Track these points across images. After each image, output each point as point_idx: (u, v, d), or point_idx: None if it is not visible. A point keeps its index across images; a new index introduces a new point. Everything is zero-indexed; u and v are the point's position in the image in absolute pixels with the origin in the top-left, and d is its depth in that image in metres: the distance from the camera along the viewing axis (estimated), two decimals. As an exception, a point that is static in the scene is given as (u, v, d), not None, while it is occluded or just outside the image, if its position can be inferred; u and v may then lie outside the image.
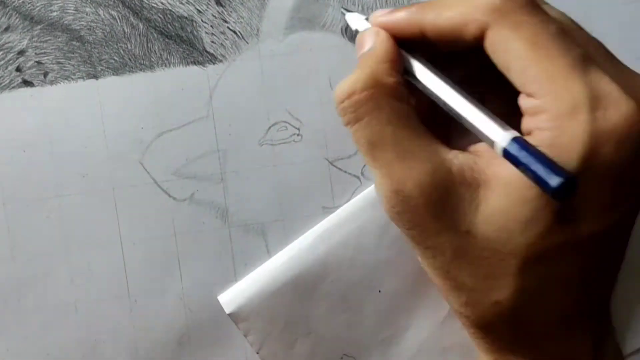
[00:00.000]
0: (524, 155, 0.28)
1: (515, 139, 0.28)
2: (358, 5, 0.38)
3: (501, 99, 0.31)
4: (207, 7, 0.38)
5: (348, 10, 0.37)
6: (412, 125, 0.31)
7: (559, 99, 0.28)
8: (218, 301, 0.38)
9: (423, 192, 0.30)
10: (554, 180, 0.27)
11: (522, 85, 0.29)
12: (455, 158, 0.31)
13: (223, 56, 0.38)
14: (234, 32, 0.38)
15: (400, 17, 0.33)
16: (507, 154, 0.28)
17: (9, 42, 0.38)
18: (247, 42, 0.38)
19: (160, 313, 0.39)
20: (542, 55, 0.29)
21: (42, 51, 0.38)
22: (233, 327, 0.38)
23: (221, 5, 0.38)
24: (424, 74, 0.32)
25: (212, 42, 0.38)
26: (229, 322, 0.38)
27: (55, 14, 0.38)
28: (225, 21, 0.38)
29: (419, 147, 0.31)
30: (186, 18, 0.38)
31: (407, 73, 0.33)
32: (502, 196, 0.29)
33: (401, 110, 0.31)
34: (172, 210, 0.39)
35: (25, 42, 0.38)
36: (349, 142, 0.38)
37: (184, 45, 0.38)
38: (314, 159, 0.39)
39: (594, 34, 0.32)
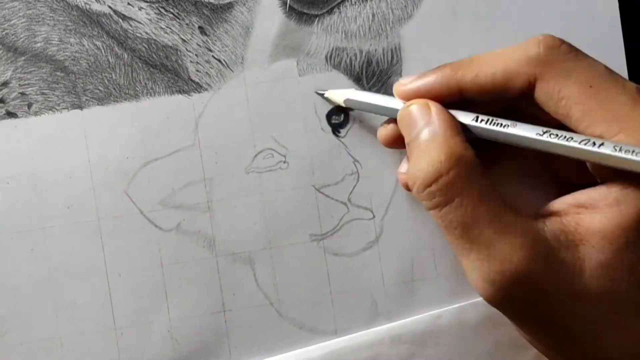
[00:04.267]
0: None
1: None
2: (342, 33, 0.38)
3: None
4: (192, 36, 0.38)
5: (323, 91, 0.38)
6: (499, 198, 0.30)
7: (631, 135, 0.29)
8: (206, 331, 0.38)
9: (531, 267, 0.29)
10: None
11: (588, 128, 0.29)
12: (545, 225, 0.30)
13: (208, 84, 0.38)
14: (219, 60, 0.38)
15: (435, 80, 0.32)
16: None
17: (-8, 74, 0.38)
18: (232, 71, 0.38)
19: (147, 345, 0.38)
20: (602, 96, 0.29)
21: (26, 82, 0.38)
22: (221, 358, 0.38)
23: (205, 34, 0.38)
24: (492, 125, 0.31)
25: (197, 70, 0.38)
26: (216, 352, 0.38)
27: (39, 44, 0.38)
28: (210, 50, 0.38)
29: (513, 220, 0.30)
30: (171, 47, 0.38)
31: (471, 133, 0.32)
32: (603, 248, 0.29)
33: (487, 185, 0.30)
34: (159, 241, 0.38)
35: (9, 73, 0.38)
36: (335, 168, 0.38)
37: (169, 75, 0.38)
38: (301, 186, 0.39)
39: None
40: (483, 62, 0.31)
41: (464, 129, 0.32)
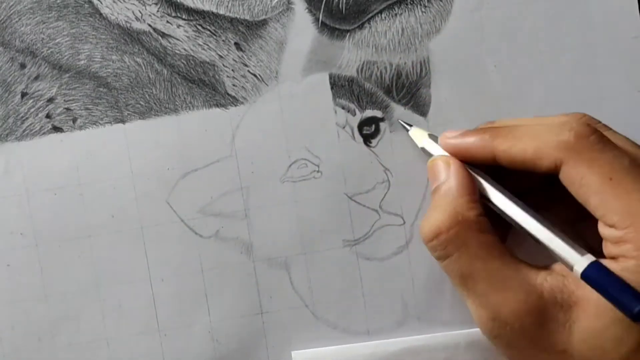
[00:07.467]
0: (603, 280, 0.30)
1: (593, 264, 0.31)
2: (372, 47, 0.40)
3: (567, 209, 0.33)
4: (228, 52, 0.40)
5: (409, 125, 0.39)
6: (499, 254, 0.33)
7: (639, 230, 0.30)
8: (244, 332, 0.40)
9: (518, 319, 0.32)
10: (636, 306, 0.29)
11: (603, 217, 0.31)
12: (545, 281, 0.32)
13: (244, 98, 0.40)
14: (254, 75, 0.40)
15: (472, 142, 0.35)
16: (586, 278, 0.31)
17: (38, 90, 0.40)
18: (267, 84, 0.40)
19: (189, 346, 0.40)
20: (620, 190, 0.31)
21: (71, 98, 0.40)
22: (259, 357, 0.40)
23: (241, 50, 0.40)
24: (499, 200, 0.34)
25: (234, 85, 0.40)
26: (255, 352, 0.40)
27: (82, 62, 0.40)
28: (246, 65, 0.40)
29: (509, 276, 0.33)
30: (208, 63, 0.40)
31: (483, 196, 0.35)
32: (594, 317, 0.31)
33: (487, 242, 0.34)
34: (199, 247, 0.40)
35: (54, 89, 0.40)
36: (367, 177, 0.40)
37: (207, 89, 0.40)
38: (334, 194, 0.40)
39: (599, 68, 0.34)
40: (518, 136, 0.33)
41: (483, 191, 0.35)
